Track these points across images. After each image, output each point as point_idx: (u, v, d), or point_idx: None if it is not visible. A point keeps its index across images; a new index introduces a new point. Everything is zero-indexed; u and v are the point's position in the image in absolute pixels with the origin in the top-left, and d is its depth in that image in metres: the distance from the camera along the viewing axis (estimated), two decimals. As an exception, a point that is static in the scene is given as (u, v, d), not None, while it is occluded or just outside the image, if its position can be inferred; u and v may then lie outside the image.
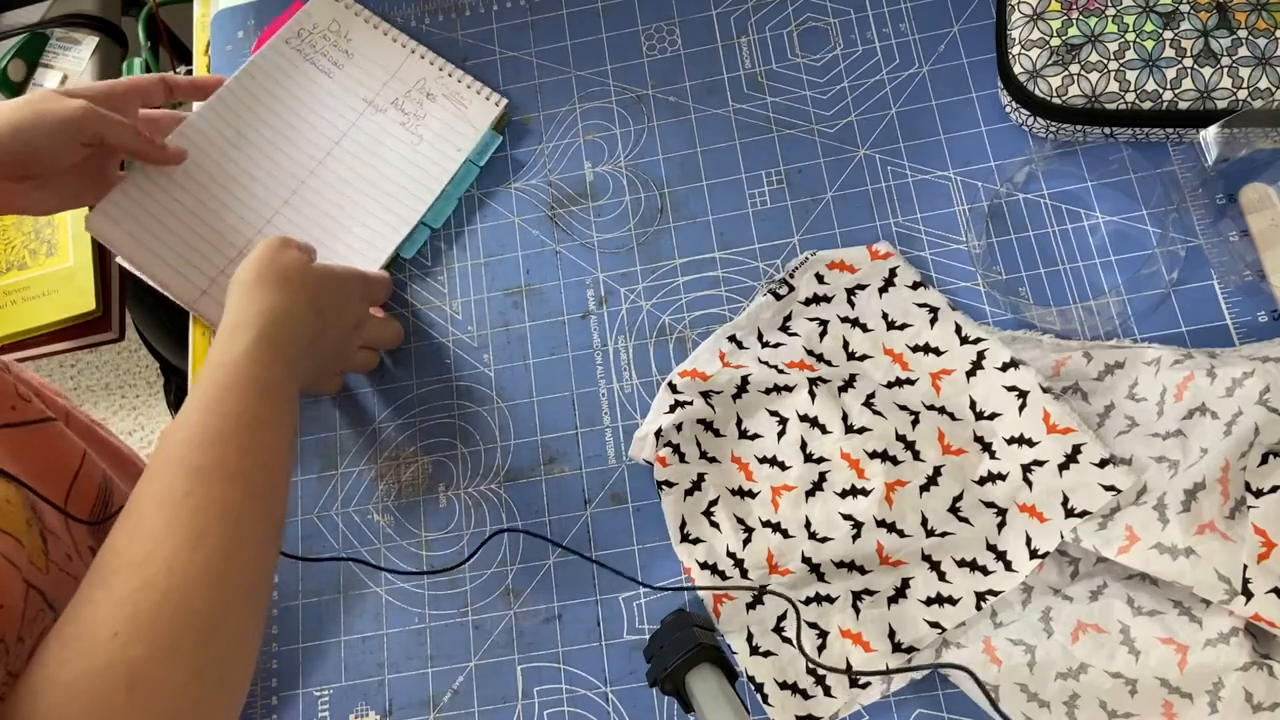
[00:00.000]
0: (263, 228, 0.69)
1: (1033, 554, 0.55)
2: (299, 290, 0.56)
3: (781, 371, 0.62)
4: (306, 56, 0.73)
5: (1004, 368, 0.59)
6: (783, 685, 0.56)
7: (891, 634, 0.56)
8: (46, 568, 0.54)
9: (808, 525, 0.59)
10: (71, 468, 0.64)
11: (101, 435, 0.75)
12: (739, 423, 0.62)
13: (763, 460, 0.61)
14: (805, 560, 0.58)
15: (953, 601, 0.56)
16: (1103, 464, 0.55)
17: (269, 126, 0.71)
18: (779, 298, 0.65)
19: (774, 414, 0.61)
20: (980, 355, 0.60)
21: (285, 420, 0.52)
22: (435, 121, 0.72)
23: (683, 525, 0.60)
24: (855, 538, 0.58)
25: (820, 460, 0.60)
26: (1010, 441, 0.58)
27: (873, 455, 0.59)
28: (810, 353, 0.63)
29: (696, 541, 0.60)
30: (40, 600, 0.52)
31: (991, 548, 0.56)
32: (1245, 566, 0.49)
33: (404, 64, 0.73)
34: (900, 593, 0.57)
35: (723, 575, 0.59)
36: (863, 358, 0.62)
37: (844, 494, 0.59)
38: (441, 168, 0.71)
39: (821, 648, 0.56)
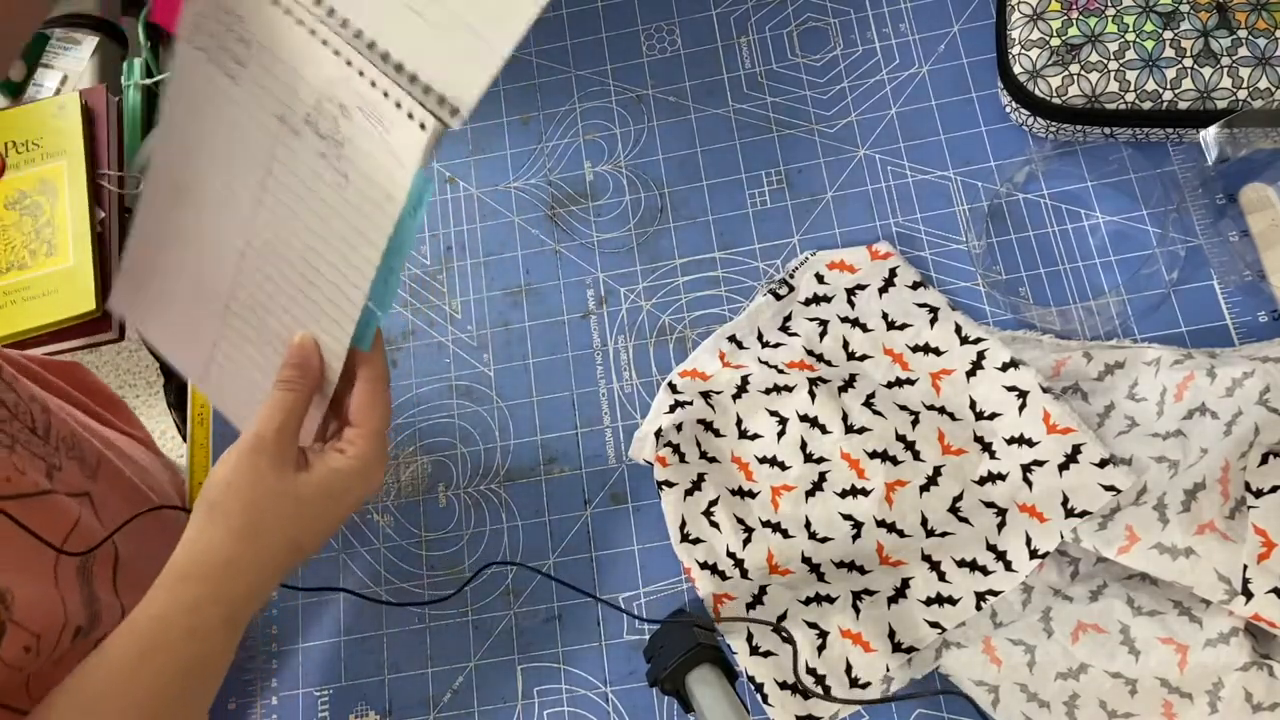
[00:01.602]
0: (228, 302, 0.55)
1: (1033, 554, 0.55)
2: (273, 534, 0.49)
3: (781, 371, 0.62)
4: (211, 58, 0.51)
5: (1004, 368, 0.59)
6: (783, 685, 0.56)
7: (891, 634, 0.56)
8: None
9: (808, 525, 0.59)
10: (51, 557, 0.55)
11: (85, 421, 0.70)
12: (739, 423, 0.62)
13: (763, 460, 0.61)
14: (805, 560, 0.58)
15: (953, 601, 0.56)
16: (1103, 464, 0.55)
17: (205, 168, 0.54)
18: (779, 298, 0.65)
19: (774, 414, 0.61)
20: (980, 355, 0.60)
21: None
22: (357, 152, 0.48)
23: (683, 525, 0.60)
24: (855, 538, 0.58)
25: (820, 460, 0.60)
26: (1010, 441, 0.58)
27: (873, 455, 0.59)
28: (810, 353, 0.63)
29: (696, 541, 0.60)
30: None
31: (991, 548, 0.56)
32: (1245, 566, 0.49)
33: (304, 53, 0.48)
34: (900, 593, 0.57)
35: (723, 575, 0.59)
36: (863, 358, 0.62)
37: (844, 494, 0.59)
38: (374, 225, 0.48)
39: (821, 648, 0.56)
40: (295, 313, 0.53)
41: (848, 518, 0.59)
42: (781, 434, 0.61)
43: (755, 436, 0.62)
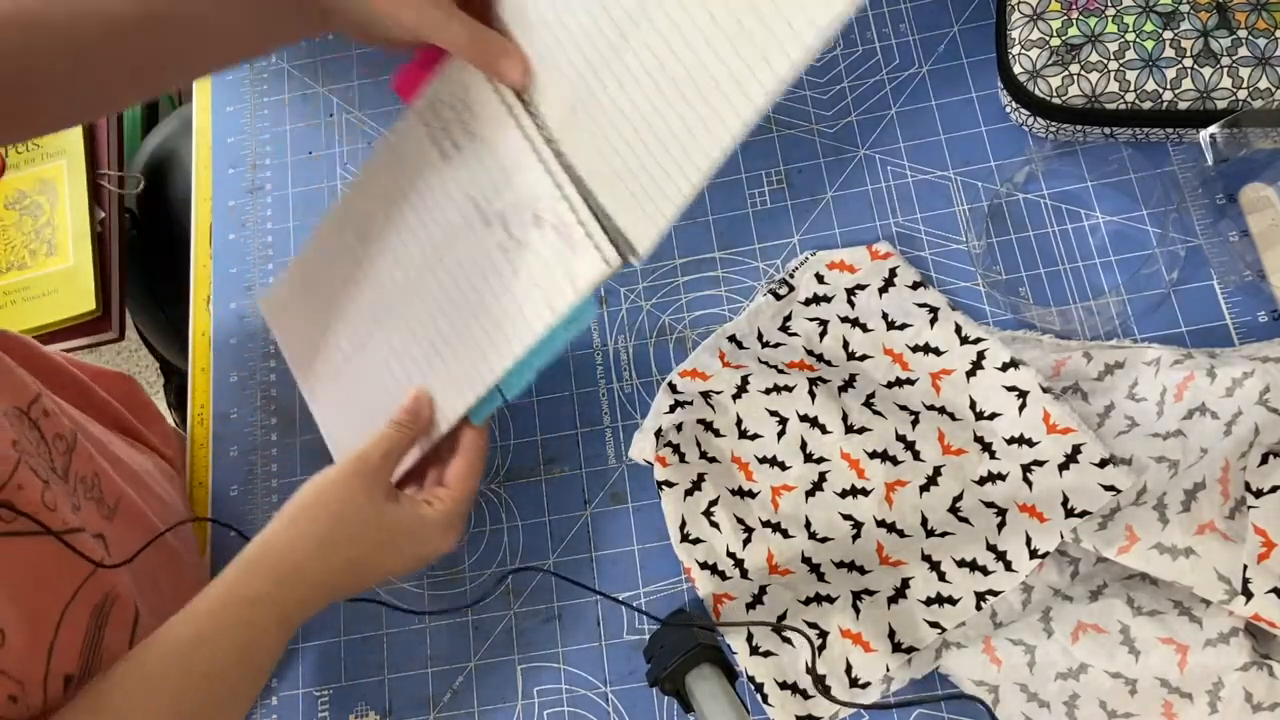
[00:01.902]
0: (359, 348, 0.61)
1: (1033, 554, 0.55)
2: (345, 550, 0.52)
3: (781, 371, 0.62)
4: (432, 135, 0.57)
5: (1004, 368, 0.59)
6: (783, 685, 0.56)
7: (891, 634, 0.56)
8: None
9: (808, 525, 0.59)
10: (62, 600, 0.52)
11: (114, 454, 0.67)
12: (739, 423, 0.62)
13: (763, 460, 0.61)
14: (805, 560, 0.58)
15: (953, 601, 0.56)
16: (1103, 464, 0.55)
17: (387, 222, 0.60)
18: (779, 298, 0.65)
19: (774, 414, 0.61)
20: (980, 355, 0.60)
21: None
22: (535, 259, 0.53)
23: (683, 525, 0.60)
24: (855, 538, 0.58)
25: (820, 460, 0.60)
26: (1010, 441, 0.58)
27: (873, 455, 0.59)
28: (810, 353, 0.63)
29: (696, 541, 0.60)
30: None
31: (991, 548, 0.56)
32: (1245, 566, 0.49)
33: (521, 165, 0.54)
34: (900, 593, 0.57)
35: (723, 575, 0.59)
36: (863, 358, 0.62)
37: (844, 494, 0.59)
38: (528, 325, 0.53)
39: (821, 648, 0.56)
40: (425, 370, 0.58)
41: (848, 518, 0.59)
42: (781, 434, 0.61)
43: (755, 436, 0.62)
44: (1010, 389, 0.58)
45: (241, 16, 0.55)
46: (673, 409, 0.61)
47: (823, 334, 0.63)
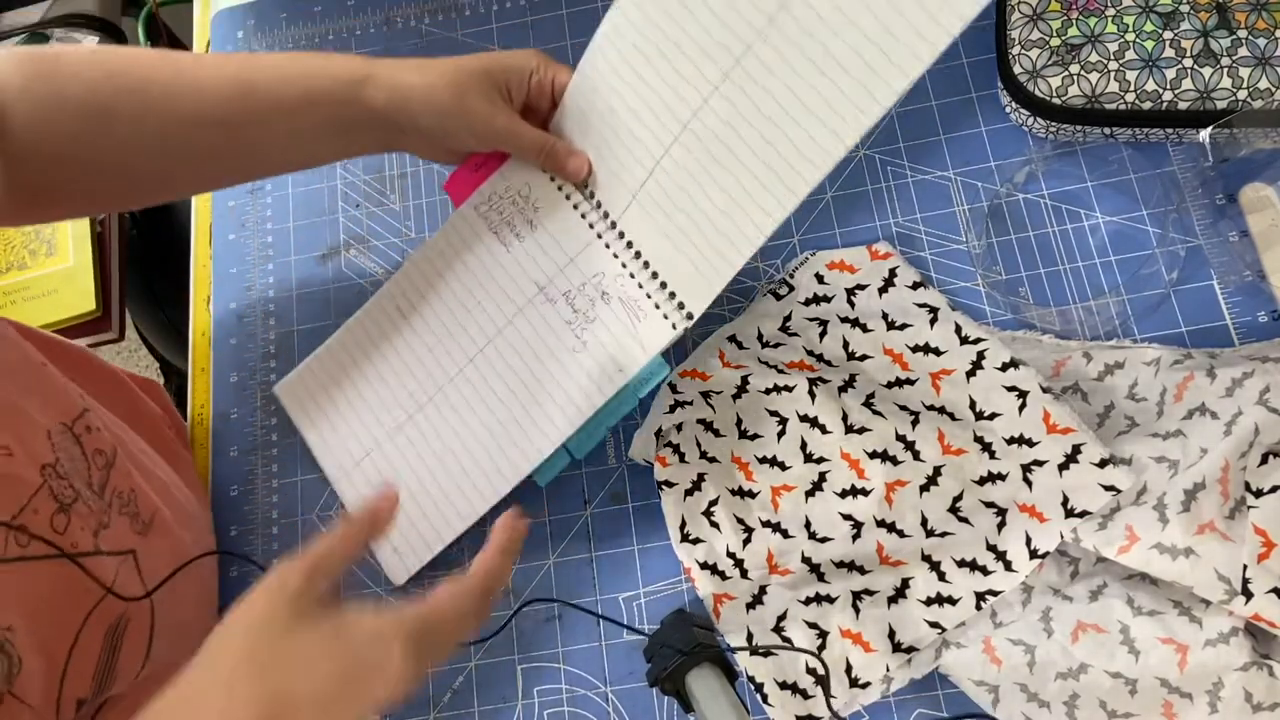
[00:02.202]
0: (404, 423, 0.63)
1: (1033, 554, 0.55)
2: (256, 681, 0.41)
3: (781, 371, 0.62)
4: (491, 225, 0.63)
5: (1004, 368, 0.59)
6: (783, 685, 0.56)
7: (891, 634, 0.56)
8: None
9: (808, 525, 0.59)
10: (76, 623, 0.50)
11: (150, 468, 0.63)
12: (739, 423, 0.62)
13: (763, 460, 0.61)
14: (805, 560, 0.58)
15: (953, 601, 0.56)
16: (1103, 464, 0.55)
17: (441, 304, 0.64)
18: (779, 298, 0.65)
19: (774, 414, 0.61)
20: (980, 355, 0.60)
21: None
22: (603, 330, 0.59)
23: (683, 525, 0.60)
24: (855, 538, 0.58)
25: (820, 460, 0.60)
26: (1010, 441, 0.58)
27: (873, 455, 0.59)
28: (810, 353, 0.63)
29: (696, 541, 0.60)
30: None
31: (991, 548, 0.56)
32: (1245, 566, 0.49)
33: (586, 249, 0.60)
34: (900, 593, 0.57)
35: (723, 575, 0.59)
36: (863, 358, 0.62)
37: (844, 494, 0.59)
38: (598, 389, 0.59)
39: (821, 648, 0.56)
40: (485, 437, 0.61)
41: (848, 518, 0.59)
42: (781, 434, 0.61)
43: (755, 436, 0.62)
44: (1010, 389, 0.58)
45: (314, 130, 0.58)
46: (673, 409, 0.61)
47: (823, 334, 0.63)
